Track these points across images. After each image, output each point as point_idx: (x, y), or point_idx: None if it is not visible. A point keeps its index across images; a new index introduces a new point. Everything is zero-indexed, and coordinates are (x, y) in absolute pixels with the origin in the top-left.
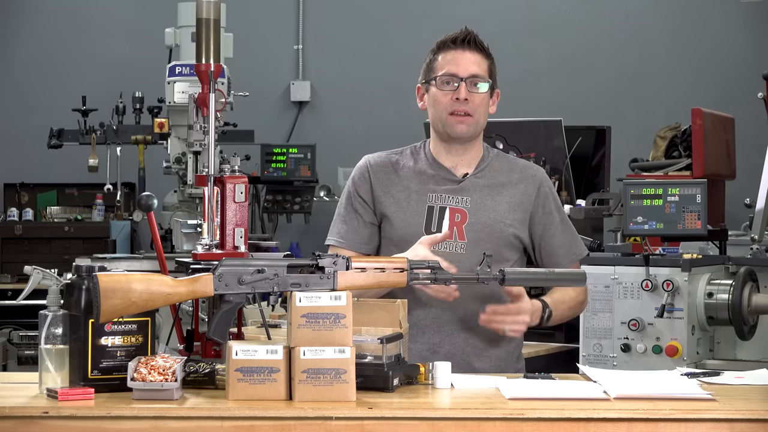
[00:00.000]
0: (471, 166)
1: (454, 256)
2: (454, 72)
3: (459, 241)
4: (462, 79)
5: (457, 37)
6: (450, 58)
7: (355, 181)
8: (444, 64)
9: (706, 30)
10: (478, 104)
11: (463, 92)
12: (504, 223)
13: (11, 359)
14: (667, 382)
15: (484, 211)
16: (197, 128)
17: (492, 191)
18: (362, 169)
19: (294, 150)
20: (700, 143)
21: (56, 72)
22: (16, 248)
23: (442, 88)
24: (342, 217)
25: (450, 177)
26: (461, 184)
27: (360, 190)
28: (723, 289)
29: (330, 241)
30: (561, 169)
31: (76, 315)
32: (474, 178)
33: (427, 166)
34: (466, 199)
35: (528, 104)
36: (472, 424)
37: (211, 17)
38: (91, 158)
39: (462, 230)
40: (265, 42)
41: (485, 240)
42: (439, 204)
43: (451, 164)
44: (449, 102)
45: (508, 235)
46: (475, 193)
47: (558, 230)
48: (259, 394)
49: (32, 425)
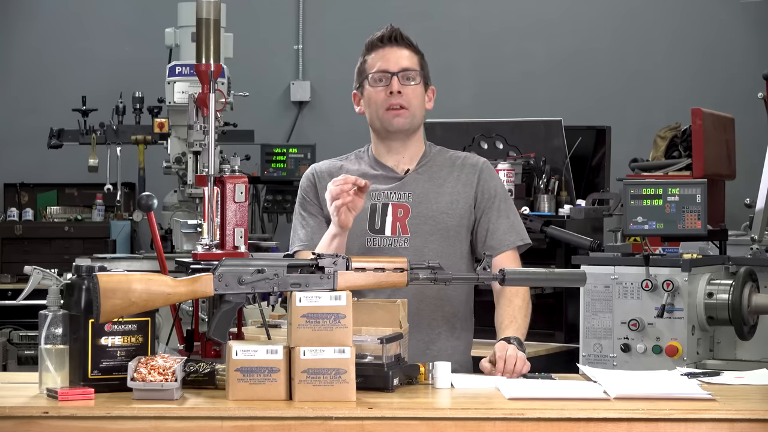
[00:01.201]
0: (413, 162)
1: (399, 251)
2: (385, 68)
3: (403, 235)
4: (393, 73)
5: (383, 35)
6: (379, 56)
7: (304, 188)
8: (374, 63)
9: (706, 30)
10: (412, 97)
11: (395, 85)
12: (447, 215)
13: (11, 359)
14: (667, 382)
15: (426, 204)
16: (197, 128)
17: (434, 185)
18: (308, 177)
19: (294, 150)
20: (700, 143)
21: (56, 72)
22: (16, 248)
23: (374, 85)
24: (300, 223)
25: (392, 175)
26: (403, 180)
27: (309, 194)
28: (723, 289)
29: (295, 247)
30: (561, 169)
31: (76, 315)
32: (415, 174)
33: (369, 167)
34: (408, 194)
35: (528, 104)
36: (472, 424)
37: (211, 17)
38: (91, 158)
39: (405, 225)
40: (265, 42)
41: (429, 233)
42: (381, 201)
43: (393, 163)
44: (384, 98)
45: (452, 226)
46: (417, 187)
47: (494, 216)
48: (259, 394)
49: (32, 425)
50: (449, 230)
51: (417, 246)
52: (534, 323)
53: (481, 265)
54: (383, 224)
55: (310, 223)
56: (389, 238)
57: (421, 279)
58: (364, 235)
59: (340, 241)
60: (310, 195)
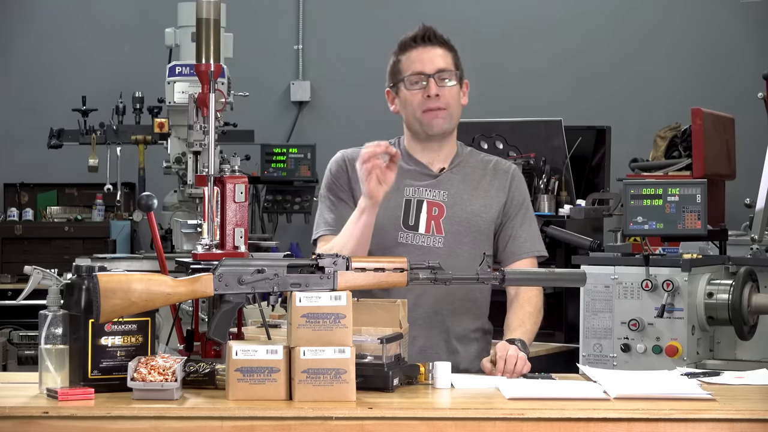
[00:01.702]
0: (446, 162)
1: (432, 250)
2: (420, 70)
3: (437, 235)
4: (429, 75)
5: (416, 35)
6: (414, 57)
7: (334, 174)
8: (409, 65)
9: (706, 30)
10: (450, 97)
11: (433, 88)
12: (480, 218)
13: (11, 359)
14: (667, 382)
15: (461, 205)
16: (197, 128)
17: (468, 186)
18: (339, 162)
19: (294, 150)
20: (700, 143)
21: (56, 72)
22: (16, 248)
23: (411, 88)
24: (327, 207)
25: (427, 172)
26: (438, 179)
27: (340, 180)
28: (723, 289)
29: (320, 232)
30: (561, 169)
31: (76, 315)
32: (450, 173)
33: (403, 162)
34: (443, 193)
35: (528, 104)
36: (472, 424)
37: (211, 17)
38: (91, 158)
39: (439, 224)
40: (265, 42)
41: (463, 234)
42: (416, 197)
43: (428, 160)
44: (421, 100)
45: (484, 229)
46: (451, 187)
47: (518, 223)
48: (259, 394)
49: (32, 425)
50: (481, 233)
51: (450, 246)
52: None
53: (481, 265)
54: (417, 221)
55: (338, 209)
56: (423, 236)
57: (421, 279)
58: (397, 230)
59: (368, 218)
60: (340, 180)
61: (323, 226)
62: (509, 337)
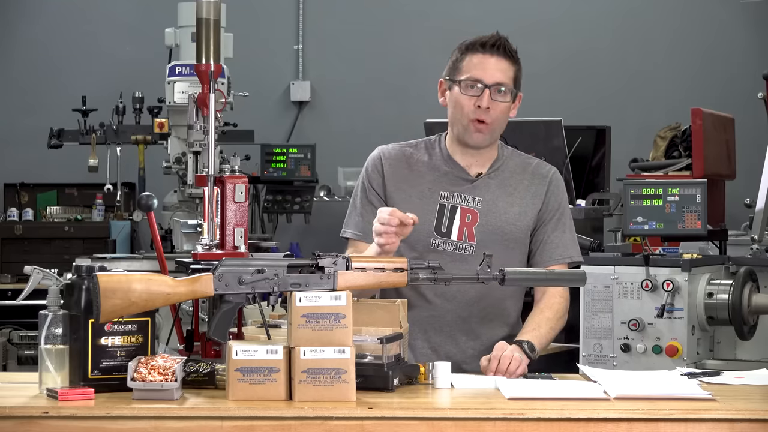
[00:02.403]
0: (485, 165)
1: (464, 257)
2: (480, 77)
3: (468, 242)
4: (487, 86)
5: (487, 41)
6: (477, 61)
7: (369, 173)
8: (470, 68)
9: (706, 30)
10: (498, 114)
11: (485, 101)
12: (515, 226)
13: (11, 359)
14: (667, 382)
15: (495, 213)
16: (197, 128)
17: (504, 192)
18: (376, 161)
19: (294, 150)
20: (700, 143)
21: (56, 72)
22: (16, 248)
23: (465, 92)
24: (358, 209)
25: (464, 176)
26: (474, 184)
27: (374, 183)
28: (723, 289)
29: (347, 234)
30: (561, 169)
31: (76, 315)
32: (487, 178)
33: (441, 162)
34: (478, 200)
35: (528, 104)
36: (472, 424)
37: (211, 17)
38: (91, 158)
39: (472, 231)
40: (265, 42)
41: (495, 242)
42: (450, 203)
43: (466, 163)
44: (471, 108)
45: (517, 238)
46: (487, 193)
47: (551, 229)
48: (259, 394)
49: (32, 425)
50: (514, 241)
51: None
52: None
53: (480, 265)
54: (450, 228)
55: (368, 214)
56: (455, 242)
57: (421, 279)
58: (429, 236)
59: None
60: (374, 183)
61: (353, 228)
62: (519, 339)
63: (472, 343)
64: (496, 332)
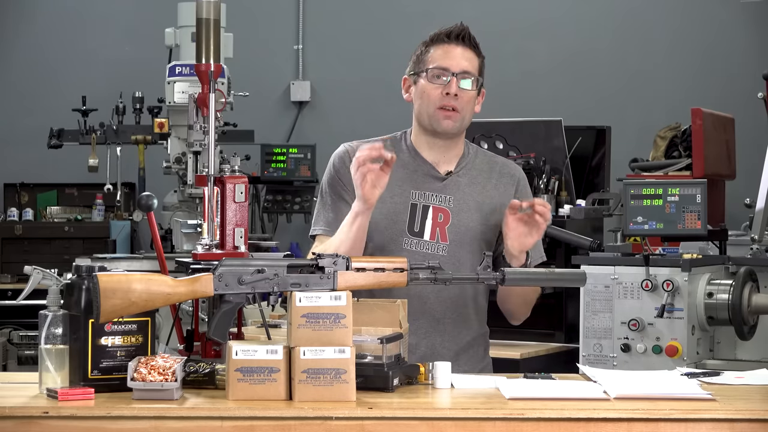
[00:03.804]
0: (452, 163)
1: (436, 257)
2: (446, 66)
3: (441, 242)
4: (453, 74)
5: (451, 31)
6: (442, 51)
7: (338, 169)
8: (436, 58)
9: (706, 30)
10: (466, 101)
11: (453, 87)
12: (486, 226)
13: (11, 359)
14: (667, 382)
15: (467, 212)
16: (197, 128)
17: (474, 190)
18: (343, 157)
19: (294, 150)
20: (700, 143)
21: (56, 72)
22: (16, 248)
23: (432, 81)
24: (328, 206)
25: (433, 174)
26: (444, 183)
27: (344, 179)
28: (723, 289)
29: (317, 231)
30: (561, 169)
31: (76, 315)
32: (457, 177)
33: (409, 159)
34: (449, 199)
35: (528, 104)
36: (472, 424)
37: (211, 17)
38: (91, 158)
39: (444, 231)
40: (265, 42)
41: (467, 242)
42: (422, 202)
43: (434, 159)
44: (438, 96)
45: (488, 238)
46: (458, 192)
47: None
48: (259, 394)
49: (32, 425)
50: (486, 241)
51: (454, 254)
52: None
53: (481, 265)
54: (423, 227)
55: (339, 210)
56: (427, 242)
57: (421, 279)
58: (402, 236)
59: (362, 221)
60: (343, 178)
61: (321, 224)
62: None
63: (447, 344)
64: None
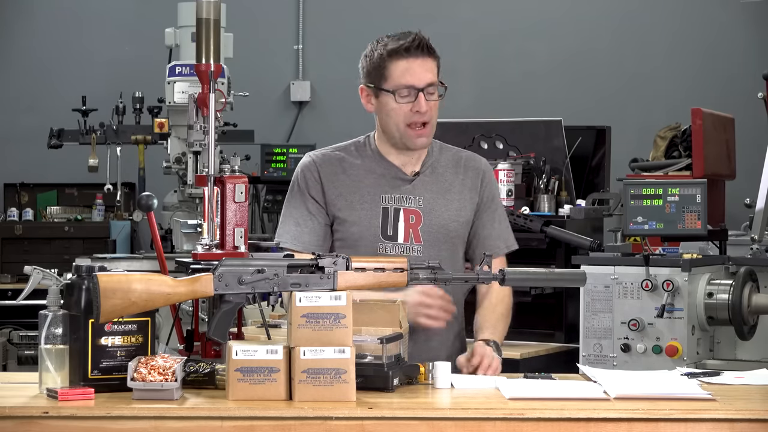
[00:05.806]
0: (418, 164)
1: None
2: (411, 83)
3: (415, 243)
4: (420, 89)
5: (410, 45)
6: (404, 68)
7: (307, 181)
8: (398, 75)
9: (706, 30)
10: (434, 112)
11: (422, 105)
12: (458, 223)
13: (11, 359)
14: (667, 382)
15: (437, 211)
16: (197, 128)
17: (441, 188)
18: (311, 168)
19: (294, 150)
20: (700, 143)
21: (56, 72)
22: (16, 248)
23: (400, 100)
24: (295, 218)
25: (400, 176)
26: (412, 184)
27: (312, 190)
28: (723, 289)
29: (284, 243)
30: (561, 169)
31: (76, 315)
32: (423, 177)
33: (375, 164)
34: (419, 199)
35: (528, 104)
36: (472, 424)
37: (211, 17)
38: (91, 158)
39: (417, 232)
40: (265, 42)
41: (441, 241)
42: (392, 205)
43: (400, 162)
44: (407, 113)
45: (460, 234)
46: (426, 192)
47: (493, 220)
48: (259, 394)
49: (32, 425)
50: (459, 237)
51: (429, 254)
52: (534, 323)
53: (481, 265)
54: (396, 231)
55: (305, 223)
56: (402, 245)
57: (421, 279)
58: (376, 241)
59: None
60: (312, 191)
61: (289, 237)
62: (483, 338)
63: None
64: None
